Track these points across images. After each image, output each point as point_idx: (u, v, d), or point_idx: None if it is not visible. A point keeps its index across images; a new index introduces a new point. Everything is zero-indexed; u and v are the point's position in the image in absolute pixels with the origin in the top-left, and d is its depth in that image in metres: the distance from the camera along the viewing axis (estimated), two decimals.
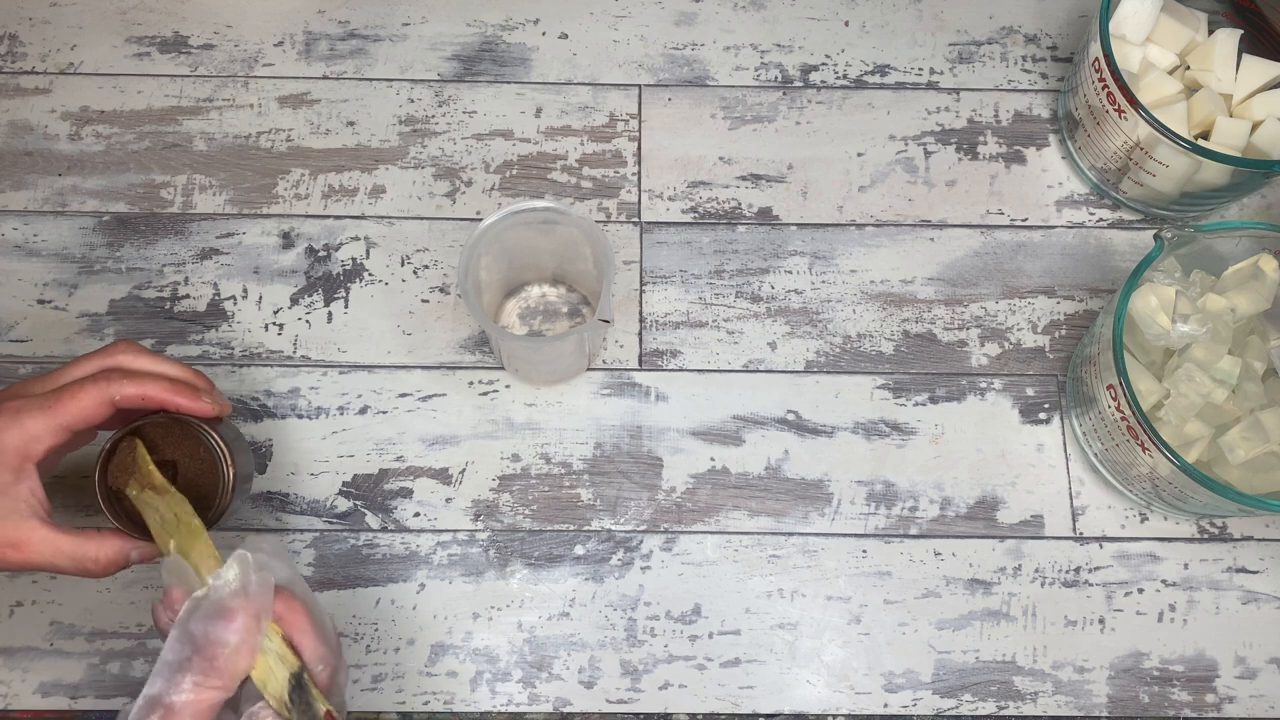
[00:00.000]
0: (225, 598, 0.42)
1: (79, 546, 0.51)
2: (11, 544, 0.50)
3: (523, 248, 0.65)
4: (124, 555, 0.52)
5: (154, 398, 0.53)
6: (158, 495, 0.48)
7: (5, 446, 0.49)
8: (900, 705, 0.65)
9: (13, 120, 0.74)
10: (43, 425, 0.50)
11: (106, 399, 0.51)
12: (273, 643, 0.44)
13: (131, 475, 0.49)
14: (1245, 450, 0.61)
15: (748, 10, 0.79)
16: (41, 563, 0.50)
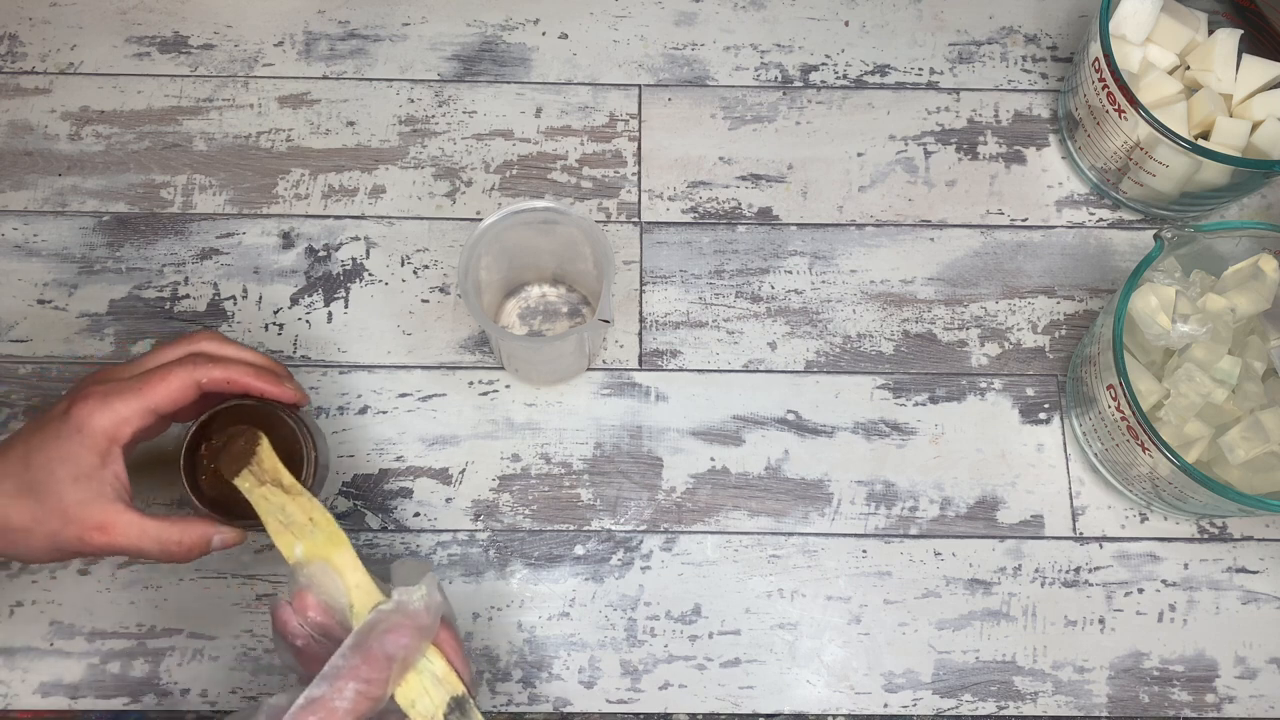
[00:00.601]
0: (409, 615, 0.43)
1: (164, 530, 0.51)
2: (99, 527, 0.50)
3: (523, 248, 0.65)
4: (207, 540, 0.53)
5: (239, 382, 0.53)
6: (285, 494, 0.47)
7: (94, 429, 0.50)
8: (900, 705, 0.65)
9: (13, 120, 0.74)
10: (131, 408, 0.50)
11: (193, 382, 0.52)
12: (433, 664, 0.44)
13: (245, 466, 0.48)
14: (1245, 450, 0.61)
15: (748, 10, 0.79)
16: (127, 545, 0.50)
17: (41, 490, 0.49)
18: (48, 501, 0.49)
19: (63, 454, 0.49)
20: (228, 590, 0.65)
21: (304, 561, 0.46)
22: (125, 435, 0.51)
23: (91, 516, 0.50)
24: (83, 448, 0.49)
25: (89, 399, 0.50)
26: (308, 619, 0.44)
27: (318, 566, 0.45)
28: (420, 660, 0.44)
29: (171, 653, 0.64)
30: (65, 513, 0.49)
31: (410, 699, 0.43)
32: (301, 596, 0.44)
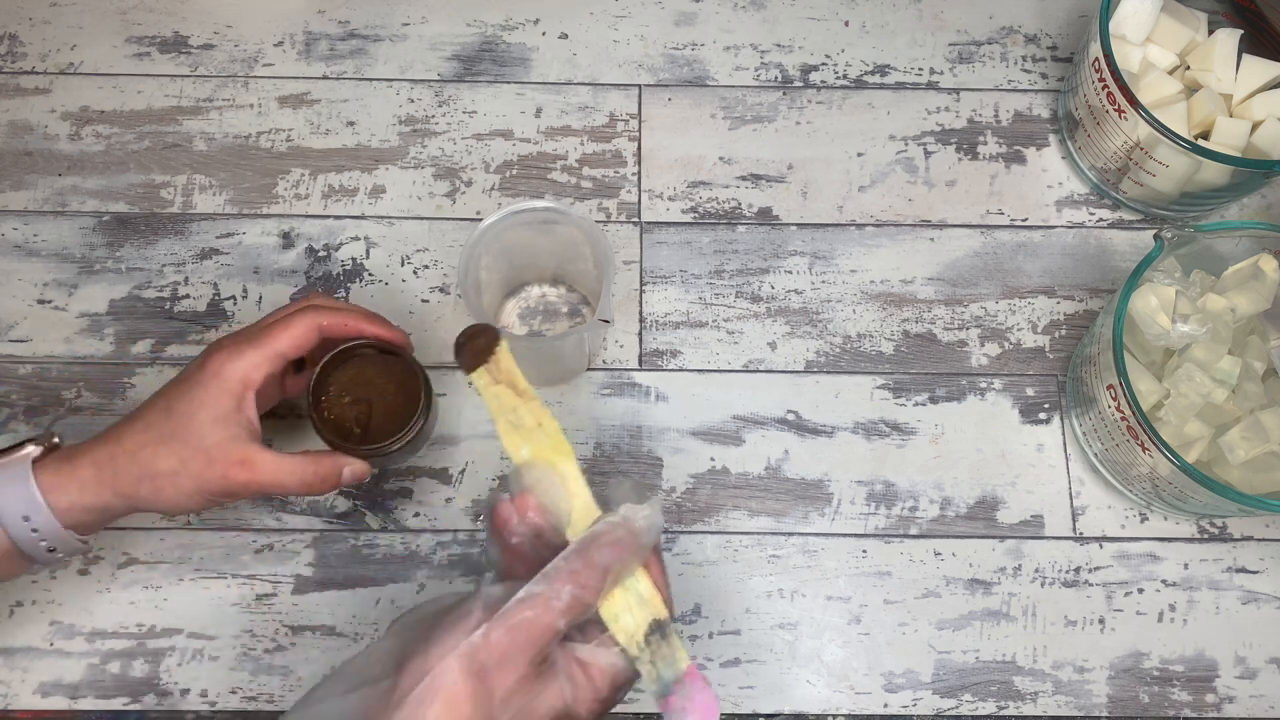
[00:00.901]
0: (633, 531, 0.44)
1: (301, 464, 0.55)
2: (241, 462, 0.54)
3: (523, 248, 0.65)
4: (339, 471, 0.57)
5: (354, 325, 0.59)
6: (518, 397, 0.48)
7: (229, 375, 0.54)
8: (900, 705, 0.65)
9: (13, 120, 0.74)
10: (261, 354, 0.55)
11: (314, 326, 0.57)
12: (640, 584, 0.44)
13: (482, 364, 0.49)
14: (1245, 450, 0.61)
15: (748, 10, 0.79)
16: (267, 480, 0.54)
17: (185, 434, 0.53)
18: (191, 442, 0.53)
19: (202, 399, 0.54)
20: (228, 590, 0.65)
21: (529, 464, 0.46)
22: (257, 379, 0.55)
23: (233, 454, 0.54)
24: (220, 392, 0.54)
25: (221, 350, 0.55)
26: (526, 519, 0.45)
27: (542, 471, 0.46)
28: (629, 579, 0.44)
29: (171, 653, 0.64)
30: (209, 453, 0.53)
31: (614, 613, 0.44)
32: (523, 497, 0.45)
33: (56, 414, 0.68)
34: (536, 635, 0.41)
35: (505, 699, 0.40)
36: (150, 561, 0.66)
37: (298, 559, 0.66)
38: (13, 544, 0.53)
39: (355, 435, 0.60)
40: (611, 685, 0.43)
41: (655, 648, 0.44)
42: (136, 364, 0.69)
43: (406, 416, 0.60)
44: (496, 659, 0.40)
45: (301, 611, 0.65)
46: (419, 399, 0.60)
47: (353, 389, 0.60)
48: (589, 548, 0.43)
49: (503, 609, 0.41)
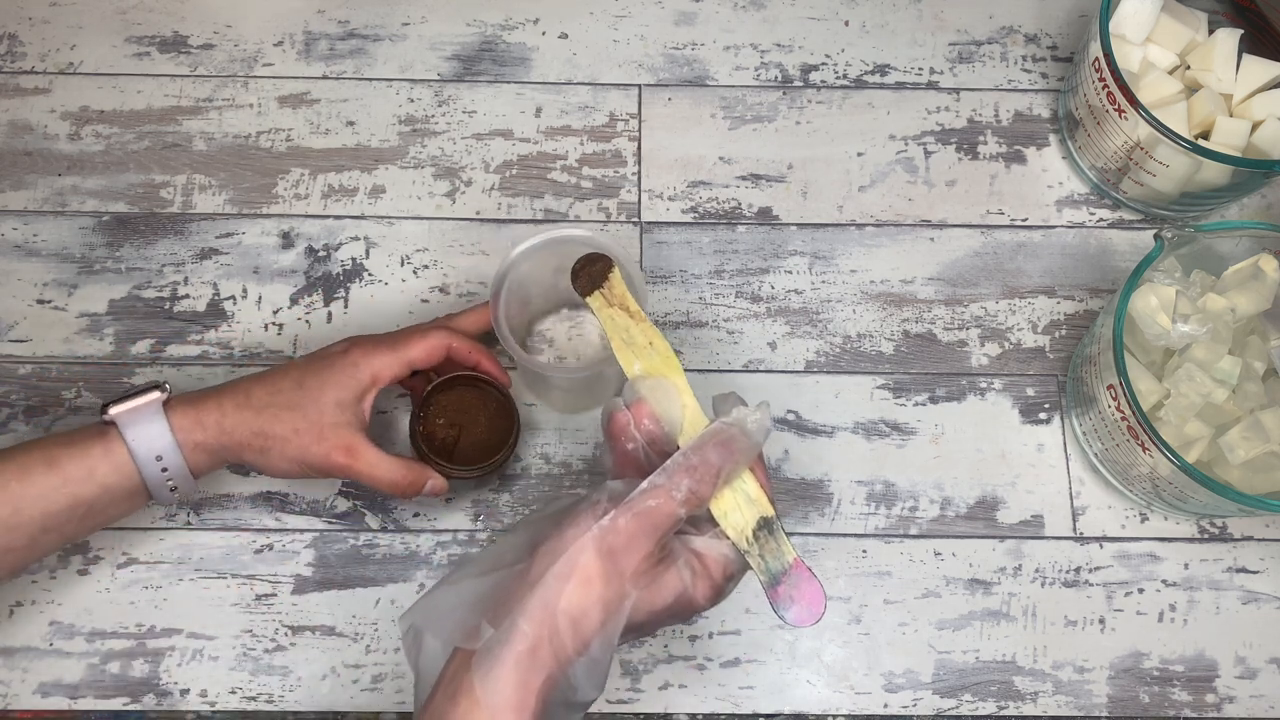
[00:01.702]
0: (745, 432, 0.47)
1: (395, 466, 0.59)
2: (347, 448, 0.58)
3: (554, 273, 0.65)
4: (423, 482, 0.61)
5: (475, 355, 0.63)
6: (630, 319, 0.51)
7: (364, 368, 0.59)
8: (900, 705, 0.65)
9: (13, 120, 0.74)
10: (395, 358, 0.60)
11: (445, 345, 0.61)
12: (746, 485, 0.48)
13: (598, 289, 0.52)
14: (1245, 450, 0.61)
15: (748, 10, 0.79)
16: (364, 470, 0.58)
17: (308, 406, 0.57)
18: (310, 416, 0.57)
19: (334, 381, 0.58)
20: (228, 590, 0.65)
21: (642, 377, 0.49)
22: (385, 379, 0.60)
23: (342, 438, 0.58)
24: (351, 380, 0.58)
25: (364, 345, 0.60)
26: (642, 427, 0.48)
27: (656, 382, 0.49)
28: (737, 480, 0.47)
29: (171, 653, 0.64)
30: (322, 431, 0.57)
31: (724, 510, 0.47)
32: (639, 406, 0.49)
33: (56, 414, 0.68)
34: (659, 521, 0.44)
35: (634, 578, 0.44)
36: (150, 561, 0.66)
37: (297, 559, 0.66)
38: (142, 482, 0.56)
39: (443, 455, 0.63)
40: (724, 574, 0.47)
41: (763, 542, 0.47)
42: (136, 364, 0.69)
43: (490, 451, 0.63)
44: (624, 542, 0.44)
45: (301, 611, 0.65)
46: (507, 437, 0.63)
47: (449, 413, 0.64)
48: (705, 446, 0.46)
49: (628, 498, 0.45)
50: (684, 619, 0.47)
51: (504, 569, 0.45)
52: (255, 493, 0.67)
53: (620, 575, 0.44)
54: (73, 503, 0.54)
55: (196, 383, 0.69)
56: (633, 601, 0.44)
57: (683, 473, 0.45)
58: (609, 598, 0.44)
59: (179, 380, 0.69)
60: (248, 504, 0.67)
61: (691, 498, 0.45)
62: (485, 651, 0.43)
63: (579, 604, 0.43)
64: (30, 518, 0.54)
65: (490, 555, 0.47)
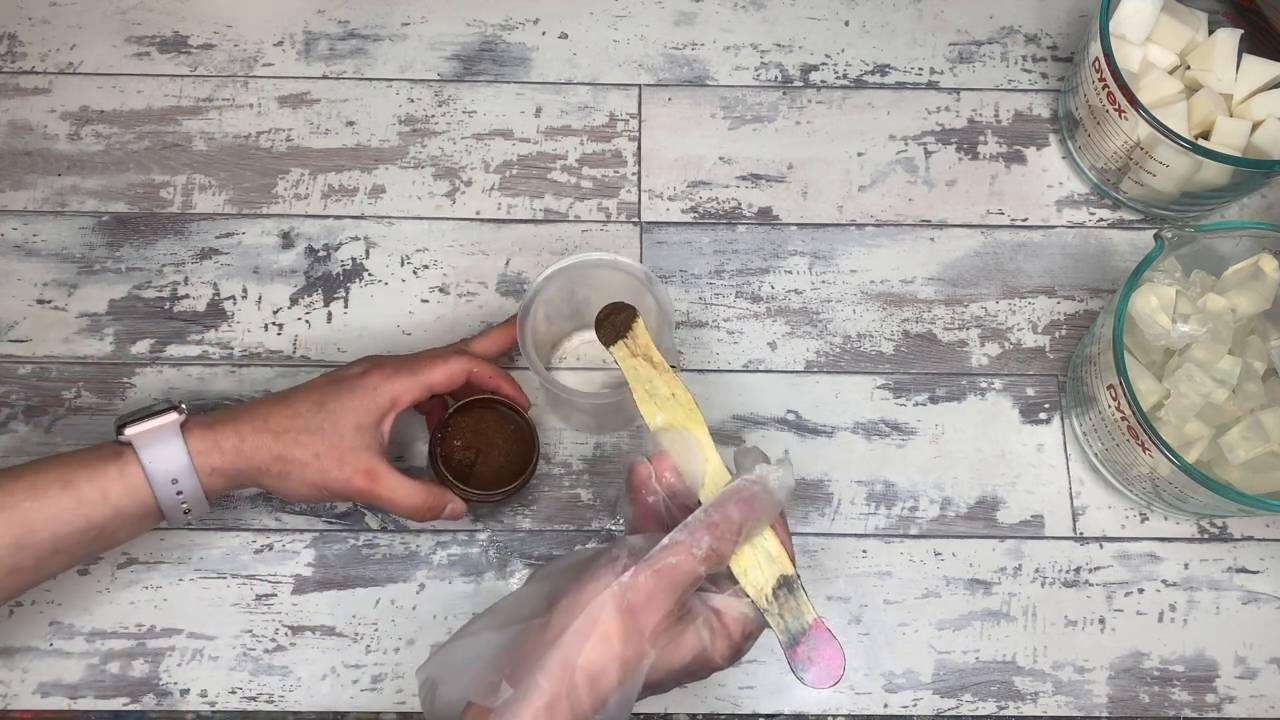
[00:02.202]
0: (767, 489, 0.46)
1: (416, 490, 0.59)
2: (367, 472, 0.57)
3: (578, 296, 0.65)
4: (443, 505, 0.61)
5: (495, 380, 0.63)
6: (653, 369, 0.50)
7: (384, 391, 0.58)
8: (900, 705, 0.65)
9: (12, 120, 0.74)
10: (415, 381, 0.59)
11: (466, 370, 0.61)
12: (767, 542, 0.47)
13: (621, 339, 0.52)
14: (1245, 450, 0.61)
15: (748, 10, 0.79)
16: (384, 494, 0.58)
17: (328, 430, 0.57)
18: (330, 440, 0.57)
19: (354, 405, 0.58)
20: (228, 590, 0.65)
21: (664, 430, 0.49)
22: (405, 402, 0.59)
23: (363, 462, 0.57)
24: (371, 404, 0.58)
25: (384, 367, 0.60)
26: (663, 480, 0.48)
27: (678, 435, 0.49)
28: (757, 537, 0.47)
29: (171, 653, 0.64)
30: (342, 455, 0.57)
31: (743, 568, 0.47)
32: (661, 459, 0.48)
33: (56, 414, 0.68)
34: (680, 579, 0.44)
35: (653, 636, 0.44)
36: (150, 561, 0.66)
37: (297, 559, 0.66)
38: (156, 505, 0.56)
39: (460, 477, 0.63)
40: (743, 633, 0.46)
41: (783, 601, 0.47)
42: (136, 364, 0.69)
43: (507, 474, 0.63)
44: (644, 599, 0.44)
45: (301, 611, 0.65)
46: (524, 462, 0.64)
47: (467, 436, 0.64)
48: (726, 503, 0.46)
49: (648, 555, 0.44)
50: (701, 677, 0.47)
51: (522, 623, 0.45)
52: (255, 493, 0.67)
53: (639, 634, 0.44)
54: (85, 525, 0.54)
55: (197, 383, 0.69)
56: (651, 660, 0.44)
57: (704, 529, 0.45)
58: (627, 656, 0.43)
59: (179, 380, 0.69)
60: (248, 504, 0.67)
61: (712, 555, 0.45)
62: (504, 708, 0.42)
63: (597, 661, 0.43)
64: (42, 539, 0.53)
65: (508, 608, 0.47)
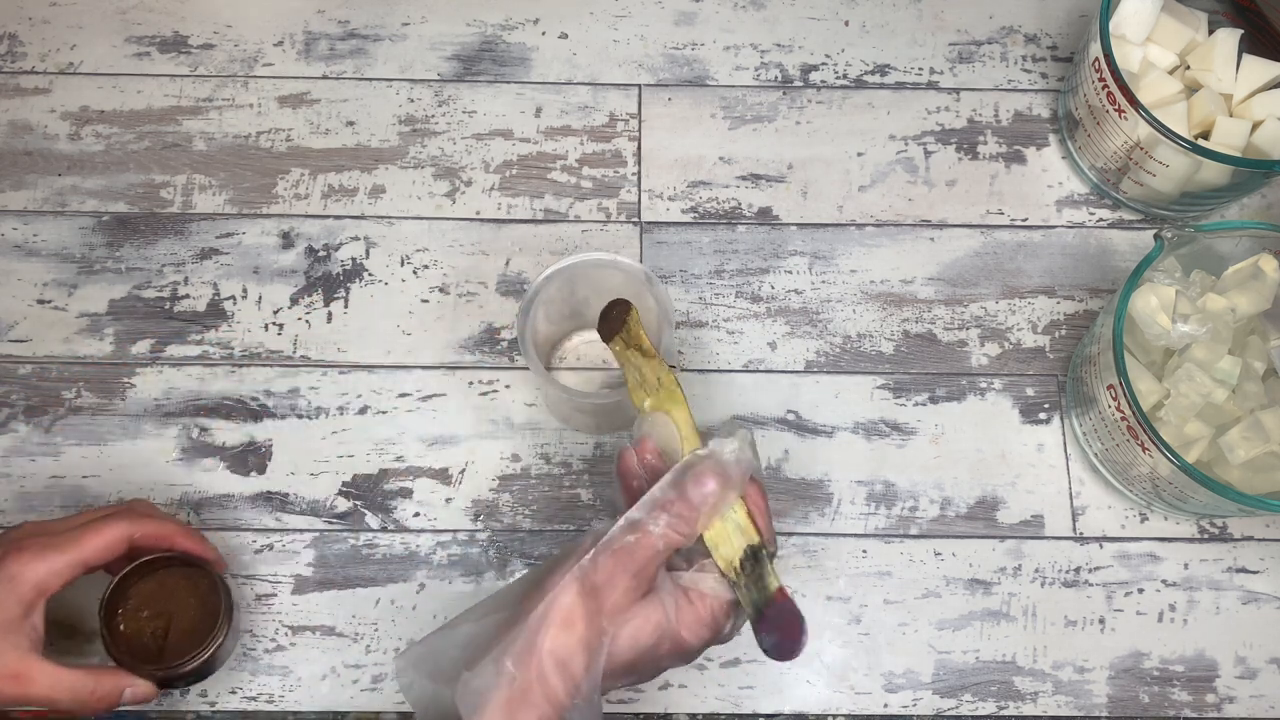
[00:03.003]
0: (721, 463, 0.46)
1: (79, 681, 0.53)
2: (14, 676, 0.51)
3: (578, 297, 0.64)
4: (119, 691, 0.55)
5: (169, 538, 0.57)
6: (644, 358, 0.51)
7: (25, 580, 0.52)
8: (900, 705, 0.65)
9: (12, 120, 0.74)
10: (64, 561, 0.53)
11: (126, 536, 0.55)
12: (736, 514, 0.47)
13: (618, 333, 0.52)
14: (1245, 450, 0.61)
15: (748, 10, 0.79)
16: (40, 696, 0.52)
17: None
18: None
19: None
20: None
21: (648, 414, 0.50)
22: (54, 587, 0.53)
23: (8, 666, 0.51)
24: (10, 597, 0.52)
25: (24, 551, 0.53)
26: (645, 461, 0.49)
27: (659, 418, 0.50)
28: (728, 509, 0.47)
29: None
30: None
31: (715, 542, 0.47)
32: (643, 442, 0.49)
33: (56, 414, 0.68)
34: (639, 556, 0.44)
35: (611, 614, 0.44)
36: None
37: (297, 559, 0.66)
38: None
39: (151, 652, 0.58)
40: (713, 609, 0.46)
41: (749, 572, 0.46)
42: (136, 364, 0.69)
43: (205, 635, 0.58)
44: (604, 579, 0.44)
45: (301, 611, 0.65)
46: (218, 616, 0.58)
47: (153, 603, 0.59)
48: (681, 480, 0.46)
49: (606, 535, 0.45)
50: (683, 657, 0.47)
51: (501, 611, 0.46)
52: (255, 493, 0.67)
53: (599, 612, 0.44)
54: None
55: (197, 383, 0.69)
56: (610, 638, 0.44)
57: (659, 506, 0.45)
58: (589, 637, 0.44)
59: (179, 380, 0.69)
60: (248, 504, 0.67)
61: (670, 531, 0.45)
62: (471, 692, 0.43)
63: (565, 646, 0.43)
64: None
65: (488, 602, 0.47)
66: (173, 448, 0.68)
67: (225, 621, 0.58)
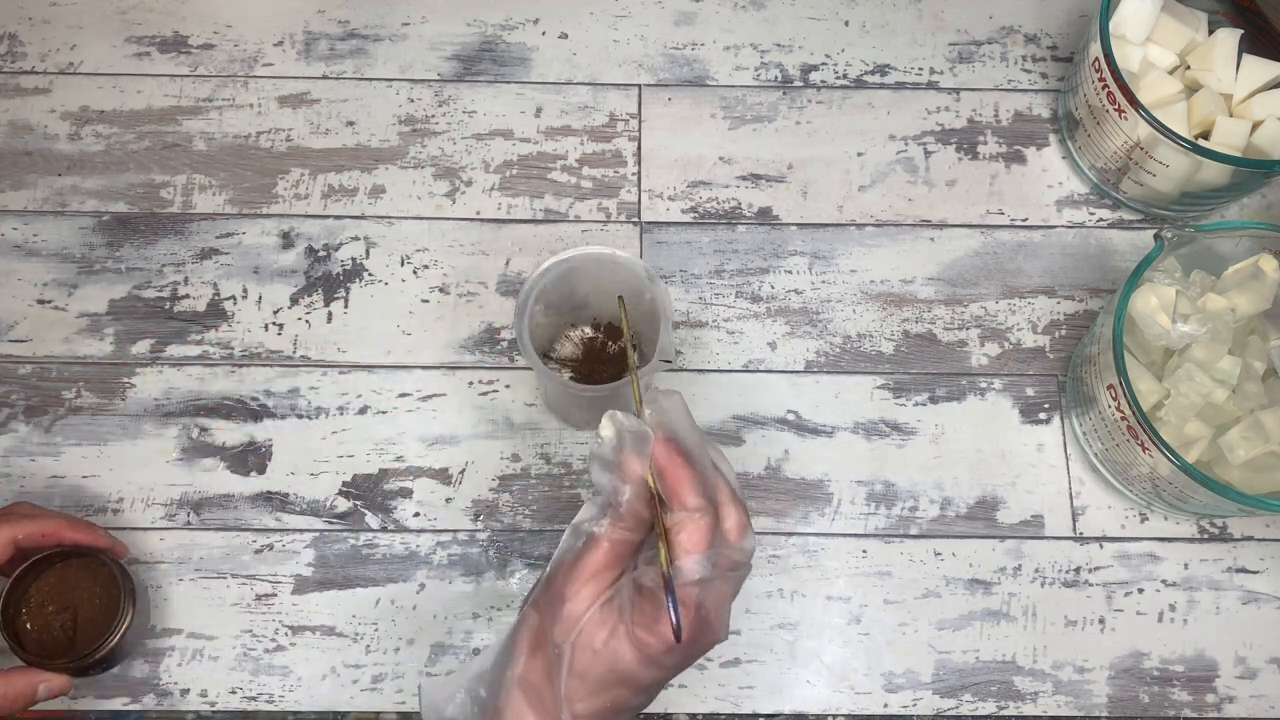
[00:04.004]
0: (607, 454, 0.43)
1: None
2: None
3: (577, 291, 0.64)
4: (33, 689, 0.55)
5: (55, 534, 0.57)
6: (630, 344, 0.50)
7: None
8: (900, 705, 0.65)
9: (13, 120, 0.74)
10: None
11: (9, 539, 0.56)
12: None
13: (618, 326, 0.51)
14: (1245, 450, 0.61)
15: (748, 10, 0.79)
16: None
17: None
18: None
19: None
20: (228, 590, 0.65)
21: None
22: None
23: None
24: None
25: None
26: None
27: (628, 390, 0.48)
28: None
29: (171, 652, 0.64)
30: None
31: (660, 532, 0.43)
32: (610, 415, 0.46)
33: (56, 414, 0.68)
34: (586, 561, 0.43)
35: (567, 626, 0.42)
36: (150, 561, 0.66)
37: (297, 559, 0.66)
38: None
39: (63, 645, 0.59)
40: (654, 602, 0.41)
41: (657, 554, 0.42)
42: (136, 364, 0.69)
43: (111, 620, 0.59)
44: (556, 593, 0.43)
45: (301, 611, 0.65)
46: (118, 609, 0.59)
47: (57, 597, 0.59)
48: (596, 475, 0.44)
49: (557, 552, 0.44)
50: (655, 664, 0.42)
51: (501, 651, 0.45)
52: (255, 493, 0.67)
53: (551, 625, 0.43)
54: None
55: (197, 383, 0.69)
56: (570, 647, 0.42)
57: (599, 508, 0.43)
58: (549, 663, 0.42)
59: (179, 380, 0.69)
60: (248, 504, 0.67)
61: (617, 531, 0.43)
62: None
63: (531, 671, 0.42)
64: None
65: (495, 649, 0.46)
66: (173, 448, 0.68)
67: (129, 604, 0.59)
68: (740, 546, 0.43)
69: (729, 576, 0.43)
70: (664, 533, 0.42)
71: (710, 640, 0.43)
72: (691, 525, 0.42)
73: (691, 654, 0.43)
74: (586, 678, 0.42)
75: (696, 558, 0.41)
